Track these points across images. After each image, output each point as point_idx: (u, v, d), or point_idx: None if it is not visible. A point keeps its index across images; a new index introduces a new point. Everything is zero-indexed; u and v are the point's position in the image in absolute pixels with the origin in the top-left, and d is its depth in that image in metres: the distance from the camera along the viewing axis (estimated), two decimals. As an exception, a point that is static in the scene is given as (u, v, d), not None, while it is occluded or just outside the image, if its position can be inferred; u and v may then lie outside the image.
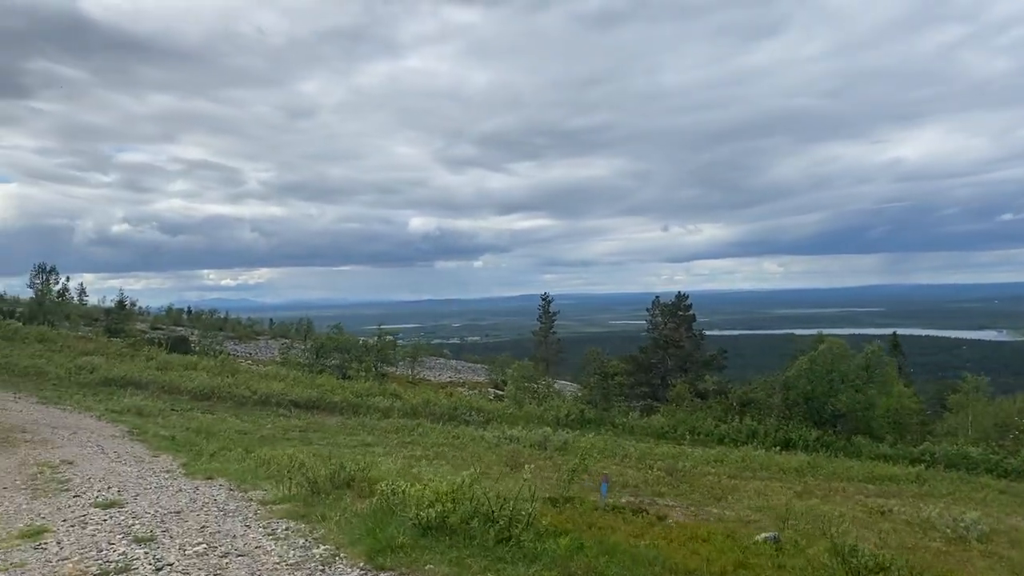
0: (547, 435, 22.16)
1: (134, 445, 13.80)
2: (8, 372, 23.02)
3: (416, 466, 14.01)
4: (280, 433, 19.60)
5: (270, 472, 9.44)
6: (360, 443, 19.45)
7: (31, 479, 10.17)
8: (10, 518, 7.56)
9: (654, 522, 8.75)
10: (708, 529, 7.00)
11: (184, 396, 23.75)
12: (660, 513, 10.45)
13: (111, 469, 10.90)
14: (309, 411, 25.10)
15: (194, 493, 8.55)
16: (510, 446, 21.01)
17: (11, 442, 13.53)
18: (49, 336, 29.52)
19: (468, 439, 21.58)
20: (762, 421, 30.26)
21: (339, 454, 17.62)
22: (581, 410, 29.35)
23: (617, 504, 11.53)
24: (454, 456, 18.66)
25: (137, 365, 26.18)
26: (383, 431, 21.81)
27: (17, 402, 18.24)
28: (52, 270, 41.24)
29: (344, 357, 37.00)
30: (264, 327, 62.25)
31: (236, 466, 10.40)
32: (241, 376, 27.71)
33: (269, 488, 8.39)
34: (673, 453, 22.89)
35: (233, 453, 12.68)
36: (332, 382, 28.97)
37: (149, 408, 19.23)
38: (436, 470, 15.16)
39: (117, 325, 39.06)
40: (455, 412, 26.96)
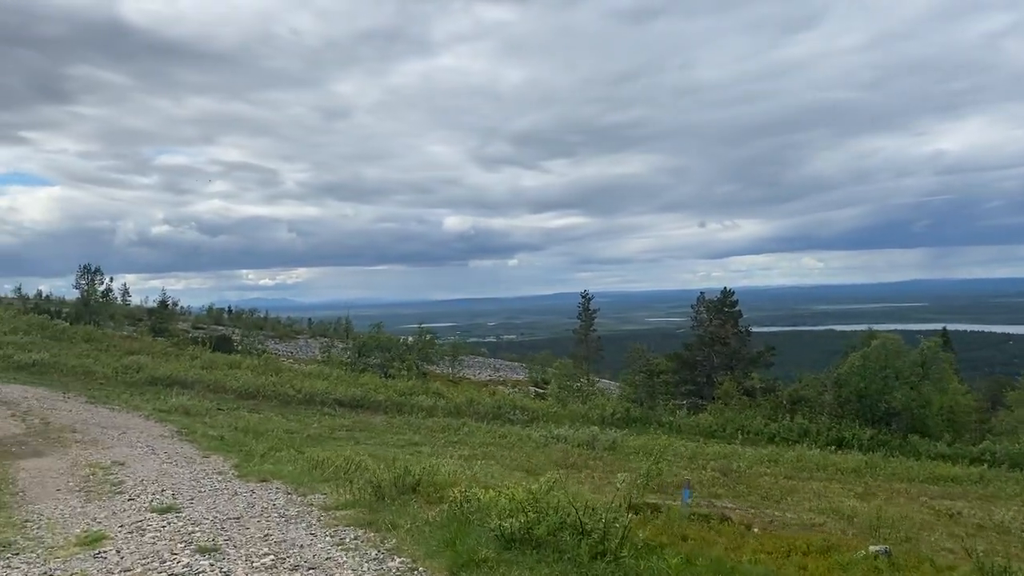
0: (595, 434, 21.67)
1: (183, 445, 13.62)
2: (57, 372, 23.17)
3: (470, 467, 13.61)
4: (327, 432, 19.38)
5: (326, 475, 9.12)
6: (407, 442, 19.16)
7: (84, 481, 9.98)
8: (67, 523, 7.31)
9: (743, 531, 8.24)
10: (806, 540, 6.49)
11: (229, 395, 23.70)
12: (746, 521, 9.90)
13: (163, 471, 10.68)
14: (354, 410, 24.90)
15: (251, 497, 8.25)
16: (558, 446, 20.57)
17: (62, 442, 13.44)
18: (95, 336, 29.76)
19: (515, 438, 21.17)
20: (814, 419, 29.42)
21: (388, 454, 17.37)
22: (626, 409, 28.78)
23: (698, 510, 10.95)
24: (503, 456, 18.27)
25: (182, 364, 26.23)
26: (429, 430, 21.50)
27: (67, 402, 18.26)
28: (97, 271, 41.63)
29: (385, 356, 36.83)
30: (303, 326, 62.55)
31: (290, 468, 10.10)
32: (285, 375, 27.64)
33: (328, 492, 8.05)
34: (725, 453, 22.25)
35: (284, 454, 12.40)
36: (375, 381, 28.76)
37: (196, 407, 19.13)
38: (487, 471, 14.80)
39: (161, 325, 39.38)
40: (499, 411, 26.58)
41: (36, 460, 11.97)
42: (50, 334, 28.32)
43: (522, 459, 17.99)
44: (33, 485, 9.90)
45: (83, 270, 41.50)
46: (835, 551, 6.33)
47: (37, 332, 27.89)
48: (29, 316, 30.48)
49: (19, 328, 27.77)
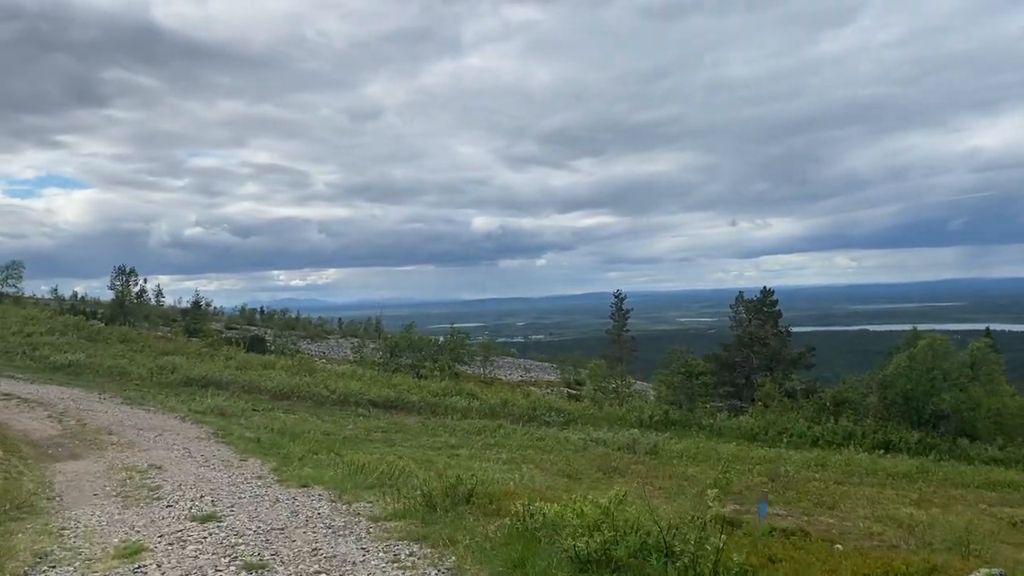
0: (635, 438, 21.11)
1: (220, 448, 13.33)
2: (93, 372, 23.14)
3: (513, 472, 13.15)
4: (363, 434, 19.05)
5: (369, 481, 8.72)
6: (444, 445, 18.76)
7: (121, 485, 9.69)
8: (104, 531, 6.98)
9: (828, 548, 7.69)
10: (904, 561, 5.94)
11: (264, 395, 23.50)
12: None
13: (201, 475, 10.36)
14: (388, 411, 24.59)
15: (293, 505, 7.87)
16: (598, 449, 20.05)
17: (98, 444, 13.23)
18: (131, 336, 29.81)
19: (552, 441, 20.68)
20: (858, 422, 28.56)
21: (427, 457, 16.99)
22: (665, 411, 28.15)
23: (774, 525, 10.32)
24: (542, 460, 17.79)
25: (216, 365, 26.11)
26: (465, 432, 21.09)
27: (102, 403, 18.13)
28: (131, 271, 41.95)
29: (417, 356, 36.57)
30: (334, 326, 62.70)
31: (330, 473, 9.72)
32: (319, 375, 27.42)
33: (374, 500, 7.65)
34: (770, 457, 21.56)
35: (323, 457, 12.05)
36: (408, 382, 28.46)
37: (231, 408, 18.90)
38: (529, 476, 14.33)
39: (195, 325, 39.49)
40: (534, 413, 26.11)
41: (72, 463, 11.75)
42: (86, 335, 28.40)
43: (562, 463, 17.50)
44: (70, 489, 9.63)
45: (118, 271, 41.86)
46: (940, 574, 5.78)
47: (73, 332, 27.98)
48: (65, 317, 30.64)
49: (55, 329, 27.88)
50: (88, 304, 42.54)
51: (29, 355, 24.17)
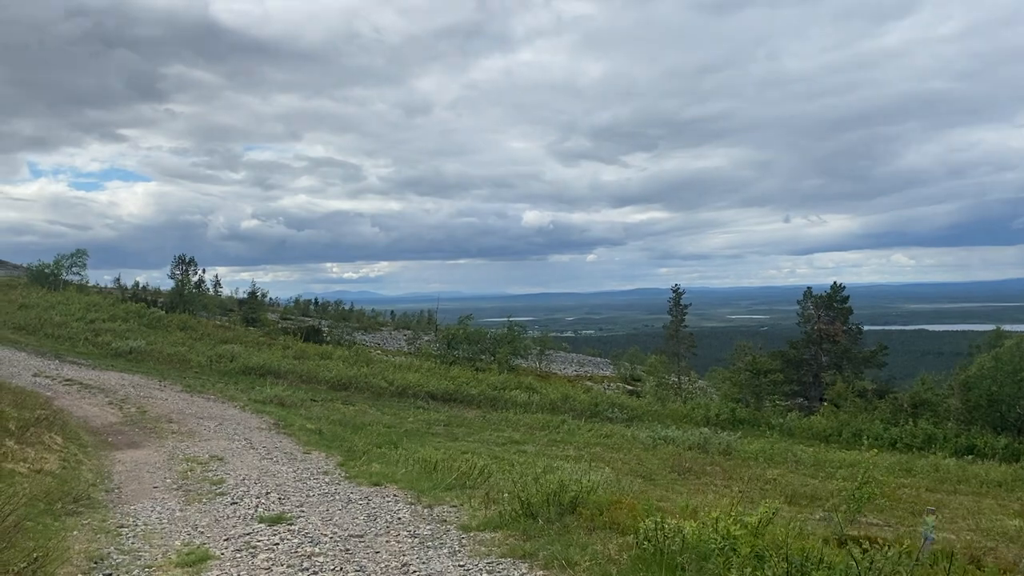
0: (706, 437, 20.05)
1: (282, 439, 12.81)
2: (153, 360, 23.02)
3: (587, 472, 12.29)
4: (424, 427, 18.42)
5: (448, 481, 7.97)
6: (508, 440, 18.02)
7: (182, 478, 9.15)
8: (165, 531, 6.36)
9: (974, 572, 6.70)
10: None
11: (322, 386, 23.09)
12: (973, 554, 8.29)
13: (264, 468, 9.78)
14: (446, 403, 23.97)
15: (368, 506, 7.17)
16: (667, 448, 19.05)
17: (159, 433, 12.82)
18: (190, 324, 29.79)
19: (619, 438, 19.76)
20: (939, 425, 26.93)
21: (490, 452, 16.25)
22: (732, 409, 26.94)
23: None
24: (611, 458, 16.89)
25: (274, 354, 25.83)
26: (528, 427, 20.30)
27: (163, 390, 17.85)
28: (191, 261, 42.24)
29: (473, 349, 35.88)
30: (387, 319, 62.62)
31: (402, 470, 9.01)
32: (376, 366, 26.95)
33: (457, 503, 6.90)
34: (851, 460, 20.22)
35: (388, 452, 11.40)
36: (467, 374, 27.78)
37: (291, 398, 18.46)
38: (599, 474, 13.45)
39: (252, 314, 39.55)
40: (596, 408, 25.21)
41: (132, 451, 11.32)
42: (147, 322, 28.44)
43: (633, 462, 16.58)
44: (129, 480, 9.13)
45: (178, 260, 42.20)
46: None
47: (135, 320, 28.04)
48: (127, 304, 30.78)
49: (117, 315, 27.98)
50: (149, 293, 43.00)
51: (91, 341, 24.20)
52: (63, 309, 27.54)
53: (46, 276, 34.65)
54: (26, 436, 10.20)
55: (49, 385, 16.86)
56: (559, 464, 14.24)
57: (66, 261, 36.31)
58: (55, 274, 35.09)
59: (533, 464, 12.97)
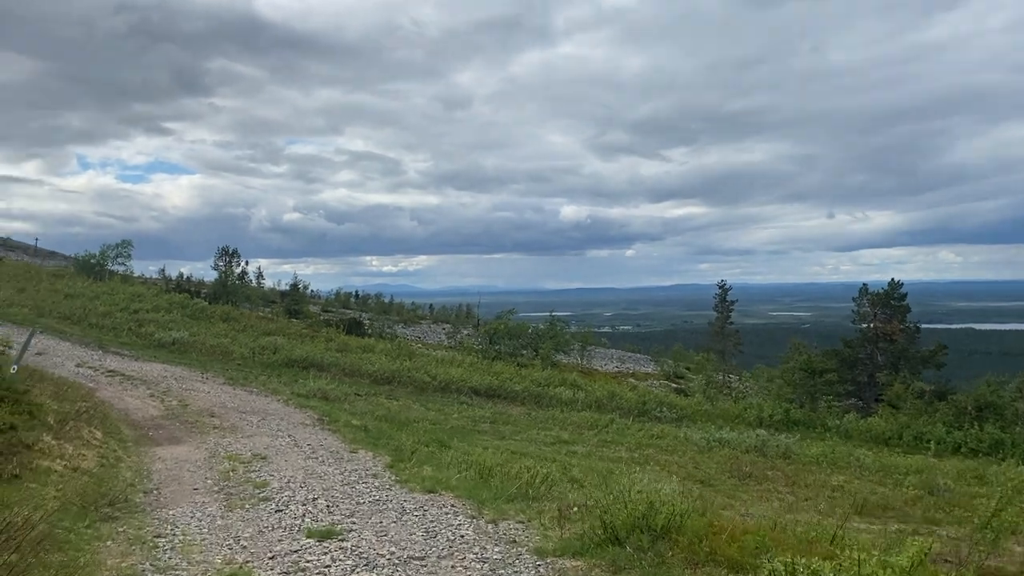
0: (764, 439, 19.13)
1: (326, 436, 12.30)
2: (196, 351, 22.80)
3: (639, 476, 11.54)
4: (469, 424, 17.85)
5: (509, 491, 7.32)
6: (556, 439, 17.35)
7: (223, 478, 8.65)
8: (205, 543, 5.82)
9: None
10: None
11: (365, 380, 22.67)
12: None
13: (310, 469, 9.24)
14: (490, 399, 23.38)
15: (424, 519, 6.55)
16: (723, 451, 18.18)
17: (200, 428, 12.40)
18: (233, 315, 29.64)
19: (671, 439, 18.95)
20: (1006, 429, 25.57)
21: (539, 452, 15.60)
22: (786, 410, 25.87)
23: None
24: (665, 461, 16.12)
25: (317, 347, 25.49)
26: (576, 426, 19.60)
27: (205, 383, 17.52)
28: (234, 253, 42.34)
29: (514, 344, 35.23)
30: (425, 312, 62.42)
31: (456, 475, 8.39)
32: (418, 360, 26.47)
33: (524, 519, 6.25)
34: (918, 465, 19.15)
35: (440, 454, 10.81)
36: (510, 370, 27.15)
37: (334, 392, 18.00)
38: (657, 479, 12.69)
39: (295, 306, 39.47)
40: (644, 407, 24.38)
41: (173, 448, 10.90)
42: (190, 312, 28.34)
43: (689, 466, 15.79)
44: (168, 480, 8.66)
45: (221, 252, 42.35)
46: None
47: (178, 310, 27.95)
48: (171, 295, 30.76)
49: (161, 306, 27.91)
50: (193, 284, 43.21)
51: (135, 331, 24.09)
52: (108, 299, 27.55)
53: (92, 266, 34.86)
54: (64, 431, 9.81)
55: (91, 376, 16.62)
56: (613, 467, 13.55)
57: (112, 252, 36.52)
58: (101, 264, 35.30)
59: (589, 468, 12.32)
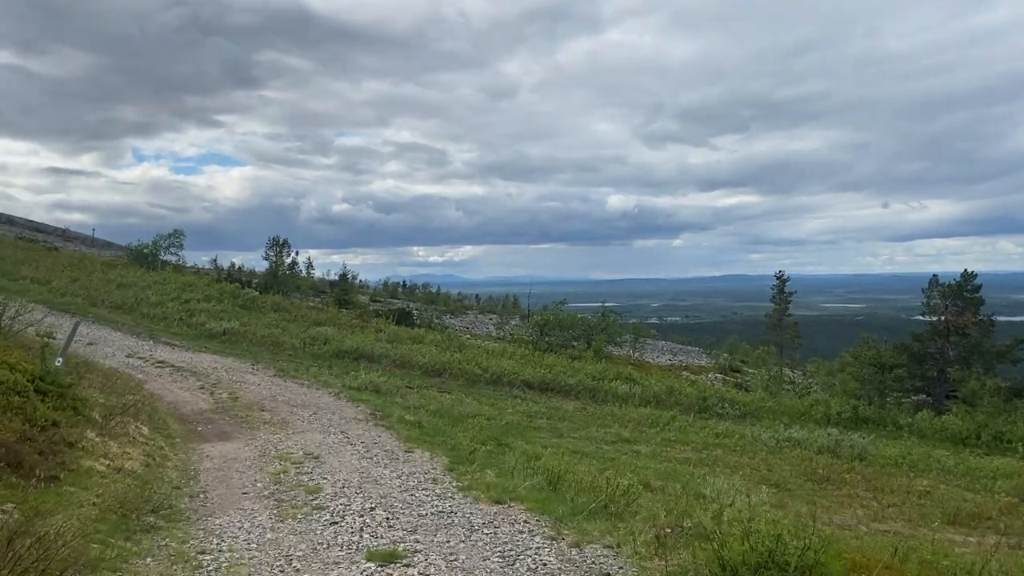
0: (837, 439, 18.03)
1: (380, 433, 11.70)
2: (247, 341, 22.51)
3: (710, 478, 10.68)
4: (525, 420, 17.13)
5: (586, 504, 6.55)
6: (616, 437, 16.54)
7: (274, 481, 8.07)
8: (253, 563, 5.18)
9: None
10: None
11: (415, 371, 22.11)
12: None
13: (364, 472, 8.61)
14: (543, 393, 22.64)
15: (497, 538, 5.82)
16: (795, 451, 17.15)
17: (250, 423, 11.91)
18: (284, 305, 29.41)
19: (738, 439, 17.95)
20: (1094, 430, 23.92)
21: (599, 452, 14.81)
22: (854, 407, 24.61)
23: None
24: (735, 462, 15.19)
25: (368, 337, 25.04)
26: (635, 423, 18.74)
27: (255, 374, 17.12)
28: (285, 243, 42.37)
29: (565, 335, 34.39)
30: (471, 302, 62.05)
31: (523, 483, 7.66)
32: (468, 352, 25.84)
33: (612, 542, 5.48)
34: (1006, 469, 17.84)
35: (500, 455, 10.10)
36: (563, 363, 26.35)
37: (386, 385, 17.44)
38: (732, 485, 11.81)
39: (344, 296, 39.29)
40: (704, 402, 23.37)
41: (222, 444, 10.40)
42: (241, 302, 28.16)
43: (762, 468, 14.84)
44: (216, 482, 8.11)
45: (272, 242, 42.42)
46: None
47: (229, 300, 27.78)
48: (222, 285, 30.68)
49: (212, 296, 27.77)
50: (244, 274, 43.35)
51: (186, 321, 23.92)
52: (159, 289, 27.53)
53: (145, 256, 35.04)
54: (110, 427, 9.35)
55: (141, 367, 16.33)
56: (681, 469, 12.70)
57: (164, 241, 36.68)
58: (153, 254, 35.46)
59: (665, 472, 11.49)
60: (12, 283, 25.96)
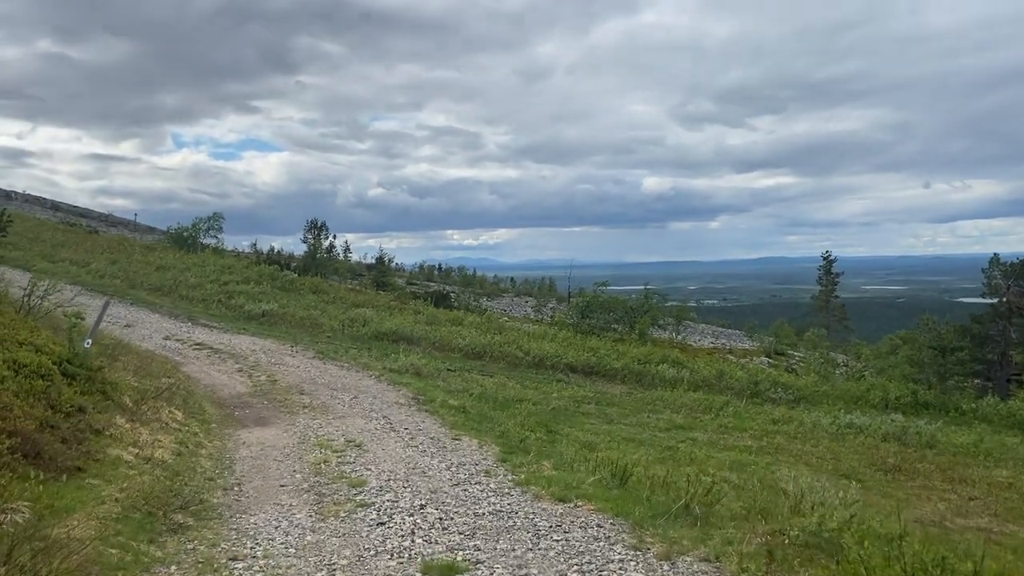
0: (903, 425, 16.97)
1: (424, 419, 11.05)
2: (285, 323, 22.10)
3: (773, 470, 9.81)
4: (572, 405, 16.37)
5: (665, 503, 5.79)
6: (670, 424, 15.70)
7: (314, 472, 7.45)
8: (292, 571, 4.50)
9: None
10: None
11: (456, 354, 21.50)
12: None
13: (411, 462, 7.95)
14: (587, 377, 21.85)
15: (569, 546, 5.07)
16: (858, 439, 16.13)
17: (289, 407, 11.35)
18: (322, 287, 29.00)
19: (797, 425, 16.97)
20: None
21: (653, 439, 14.03)
22: (913, 391, 23.38)
23: None
24: (798, 451, 14.27)
25: (406, 319, 24.48)
26: (688, 409, 17.85)
27: (294, 357, 16.62)
28: (323, 226, 42.17)
29: (606, 318, 33.50)
30: (507, 285, 61.51)
31: (588, 477, 6.92)
32: (509, 334, 25.14)
33: (707, 551, 4.72)
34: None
35: (555, 443, 9.38)
36: (607, 346, 25.50)
37: (426, 368, 16.81)
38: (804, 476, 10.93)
39: (382, 278, 38.92)
40: (756, 387, 22.34)
41: (259, 431, 9.84)
42: (279, 284, 27.81)
43: (828, 458, 13.89)
44: (252, 473, 7.51)
45: (310, 225, 42.27)
46: None
47: (267, 282, 27.44)
48: (260, 267, 30.35)
49: (250, 278, 27.44)
50: (282, 257, 43.22)
51: (224, 303, 23.59)
52: (198, 271, 27.26)
53: (184, 239, 34.93)
54: (141, 412, 8.82)
55: (179, 349, 15.92)
56: (744, 458, 11.87)
57: (203, 224, 36.56)
58: (193, 237, 35.34)
59: (737, 463, 10.68)
60: (51, 265, 25.88)
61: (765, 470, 10.09)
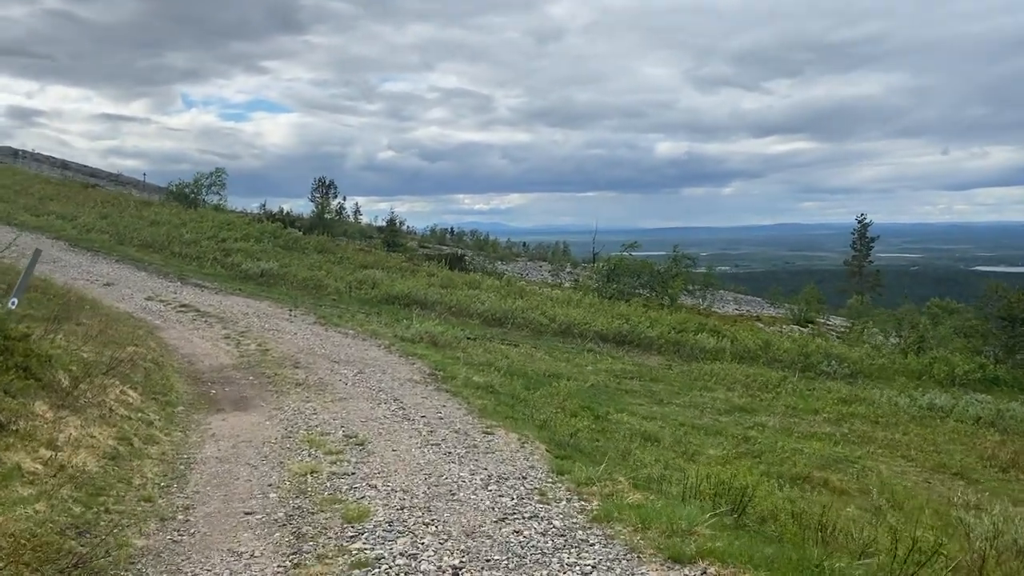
0: (997, 408, 14.71)
1: (445, 401, 8.88)
2: (286, 284, 19.94)
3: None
4: (612, 381, 14.19)
5: (850, 571, 3.62)
6: (728, 405, 13.51)
7: (296, 491, 5.30)
8: None
9: None
10: None
11: (474, 320, 19.34)
12: None
13: (432, 473, 5.78)
14: (619, 347, 19.66)
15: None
16: (947, 423, 13.88)
17: (279, 384, 9.19)
18: (328, 247, 26.79)
19: (871, 405, 14.74)
20: None
21: (717, 425, 11.84)
22: (982, 365, 21.09)
23: None
24: (885, 439, 12.06)
25: (419, 282, 22.28)
26: (743, 385, 15.65)
27: (292, 321, 14.46)
28: (331, 185, 40.18)
29: (632, 283, 31.14)
30: (520, 250, 59.68)
31: (699, 514, 4.70)
32: (531, 299, 22.91)
33: None
34: None
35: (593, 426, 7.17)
36: (638, 312, 23.23)
37: (444, 336, 14.58)
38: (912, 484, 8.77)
39: (393, 239, 36.79)
40: (807, 360, 20.09)
41: (236, 417, 7.69)
42: (282, 243, 25.61)
43: (925, 448, 11.67)
44: (212, 488, 5.36)
45: (318, 184, 40.34)
46: None
47: (269, 240, 25.23)
48: (263, 224, 28.11)
49: (251, 235, 25.22)
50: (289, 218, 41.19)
51: (220, 261, 21.43)
52: (195, 227, 25.06)
53: (185, 195, 32.72)
54: (78, 394, 6.66)
55: (160, 311, 13.78)
56: (840, 452, 9.68)
57: (206, 180, 34.32)
58: (195, 193, 33.12)
59: (810, 456, 8.49)
60: (34, 218, 23.74)
61: (867, 470, 7.84)
